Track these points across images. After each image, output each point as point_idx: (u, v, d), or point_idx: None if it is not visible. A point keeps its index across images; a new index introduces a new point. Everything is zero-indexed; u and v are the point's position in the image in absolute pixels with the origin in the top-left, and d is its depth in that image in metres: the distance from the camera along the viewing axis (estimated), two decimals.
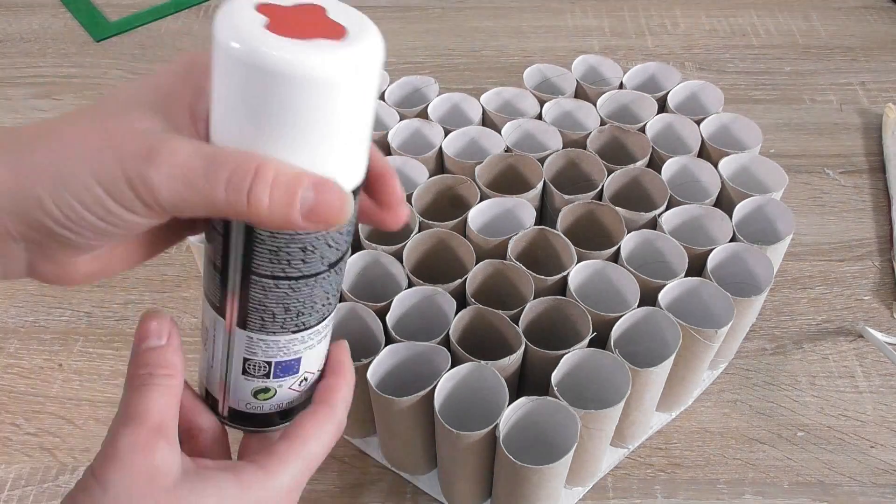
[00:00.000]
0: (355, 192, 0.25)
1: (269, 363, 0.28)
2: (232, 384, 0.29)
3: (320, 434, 0.29)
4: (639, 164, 0.54)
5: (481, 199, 0.51)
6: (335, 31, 0.22)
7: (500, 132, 0.56)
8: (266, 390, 0.29)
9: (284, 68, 0.21)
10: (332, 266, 0.27)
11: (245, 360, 0.28)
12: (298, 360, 0.29)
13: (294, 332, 0.28)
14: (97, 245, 0.24)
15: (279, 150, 0.23)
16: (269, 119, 0.22)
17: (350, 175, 0.25)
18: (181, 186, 0.22)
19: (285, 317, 0.27)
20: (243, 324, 0.27)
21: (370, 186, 0.27)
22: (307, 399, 0.31)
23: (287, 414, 0.31)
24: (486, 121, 0.59)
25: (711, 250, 0.48)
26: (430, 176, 0.53)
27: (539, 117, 0.58)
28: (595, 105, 0.58)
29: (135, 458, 0.25)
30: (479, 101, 0.59)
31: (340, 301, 0.46)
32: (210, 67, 0.23)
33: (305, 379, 0.30)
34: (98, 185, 0.22)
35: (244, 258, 0.25)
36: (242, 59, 0.21)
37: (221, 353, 0.28)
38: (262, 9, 0.22)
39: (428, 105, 0.58)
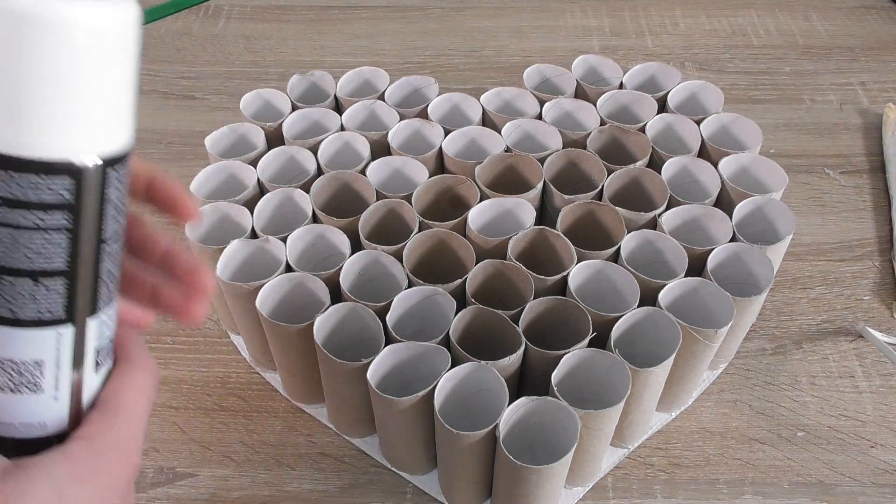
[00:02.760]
0: (116, 161, 0.24)
1: (111, 338, 0.27)
2: (84, 395, 0.26)
3: (131, 383, 0.27)
4: (639, 164, 0.54)
5: (481, 199, 0.51)
6: None
7: (500, 132, 0.56)
8: (108, 374, 0.27)
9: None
10: None
11: (97, 351, 0.26)
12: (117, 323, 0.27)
13: (119, 290, 0.27)
14: None
15: (23, 99, 0.22)
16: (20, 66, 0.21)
17: (98, 139, 0.23)
18: None
19: (119, 274, 0.26)
20: (94, 308, 0.25)
21: (150, 193, 0.27)
22: None
23: None
24: (486, 121, 0.59)
25: (711, 250, 0.48)
26: (430, 176, 0.53)
27: (539, 117, 0.58)
28: (595, 105, 0.58)
29: None
30: (479, 101, 0.59)
31: (340, 301, 0.46)
32: None
33: None
34: None
35: (98, 229, 0.24)
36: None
37: (66, 372, 0.25)
38: None
39: (428, 105, 0.58)
